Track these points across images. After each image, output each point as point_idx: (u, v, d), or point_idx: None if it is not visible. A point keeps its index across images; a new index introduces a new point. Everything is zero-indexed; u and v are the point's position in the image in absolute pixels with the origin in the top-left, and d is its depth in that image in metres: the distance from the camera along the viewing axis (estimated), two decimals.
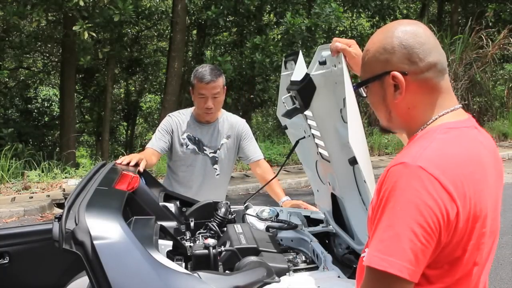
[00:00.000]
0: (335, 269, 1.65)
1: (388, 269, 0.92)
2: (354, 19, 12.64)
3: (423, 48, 1.05)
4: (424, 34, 1.07)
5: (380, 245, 0.94)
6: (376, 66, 1.10)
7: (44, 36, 10.62)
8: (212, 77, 2.50)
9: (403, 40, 1.06)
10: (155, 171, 7.42)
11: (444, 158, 0.98)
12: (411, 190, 0.94)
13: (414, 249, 0.92)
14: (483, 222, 1.01)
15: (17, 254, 2.15)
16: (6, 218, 5.88)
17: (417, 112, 1.09)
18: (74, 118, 10.53)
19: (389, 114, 1.12)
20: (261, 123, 16.34)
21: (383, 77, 1.08)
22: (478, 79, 11.15)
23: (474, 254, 1.01)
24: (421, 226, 0.92)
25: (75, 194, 1.71)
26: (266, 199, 3.94)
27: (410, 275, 0.92)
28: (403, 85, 1.06)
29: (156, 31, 13.42)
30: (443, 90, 1.09)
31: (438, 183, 0.94)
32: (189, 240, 1.98)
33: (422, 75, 1.06)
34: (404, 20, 1.13)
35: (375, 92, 1.13)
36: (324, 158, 1.92)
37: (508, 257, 4.13)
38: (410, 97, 1.07)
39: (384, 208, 0.97)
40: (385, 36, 1.09)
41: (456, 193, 0.95)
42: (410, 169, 0.96)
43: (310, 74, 1.66)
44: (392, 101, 1.09)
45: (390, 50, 1.07)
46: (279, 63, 8.21)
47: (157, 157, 2.59)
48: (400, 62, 1.06)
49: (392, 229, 0.94)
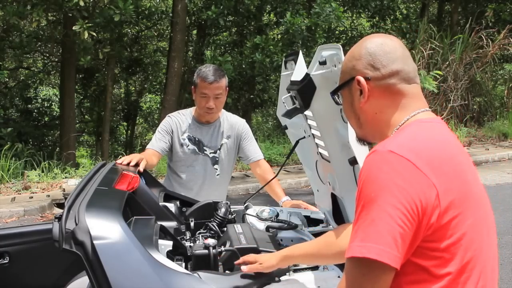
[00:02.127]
0: (335, 269, 1.65)
1: (366, 255, 0.90)
2: (354, 19, 12.64)
3: (387, 56, 1.11)
4: (392, 45, 1.12)
5: (357, 234, 0.93)
6: (346, 73, 1.17)
7: (44, 36, 10.60)
8: (215, 78, 2.50)
9: (369, 48, 1.12)
10: (155, 171, 7.42)
11: (417, 142, 1.00)
12: (382, 174, 0.94)
13: (391, 231, 0.90)
14: (476, 203, 1.01)
15: (17, 254, 2.15)
16: (6, 218, 5.88)
17: (384, 116, 1.12)
18: (74, 118, 10.52)
19: (358, 120, 1.17)
20: (261, 123, 16.34)
21: (350, 83, 1.14)
22: (478, 79, 11.15)
23: (474, 237, 0.98)
24: (396, 208, 0.91)
25: (75, 194, 1.71)
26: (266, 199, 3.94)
27: (390, 259, 0.89)
28: (365, 89, 1.11)
29: (156, 31, 13.41)
30: (410, 95, 1.11)
31: (412, 164, 0.94)
32: (189, 240, 1.98)
33: (384, 81, 1.10)
34: (380, 34, 1.20)
35: (345, 99, 1.19)
36: (324, 158, 1.92)
37: (508, 257, 4.13)
38: (375, 102, 1.12)
39: (360, 199, 0.97)
40: (357, 46, 1.16)
41: (433, 174, 0.94)
42: (380, 154, 0.97)
43: (310, 74, 1.66)
44: (358, 106, 1.14)
45: (357, 57, 1.14)
46: (279, 63, 8.20)
47: (157, 157, 2.59)
48: (364, 68, 1.12)
49: (369, 216, 0.93)
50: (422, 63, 10.28)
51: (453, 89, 10.60)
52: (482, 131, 10.87)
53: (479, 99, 11.64)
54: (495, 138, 10.42)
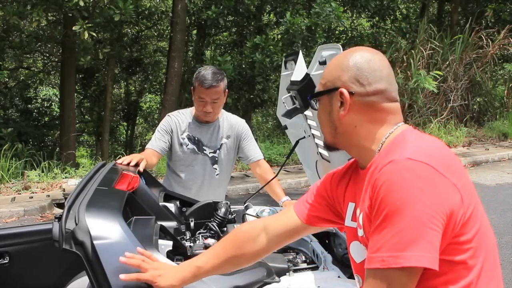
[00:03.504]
0: (335, 269, 1.66)
1: (405, 264, 0.90)
2: (354, 19, 12.64)
3: (373, 75, 1.11)
4: (380, 63, 1.13)
5: (385, 244, 0.92)
6: (329, 81, 1.16)
7: (44, 36, 10.60)
8: (212, 82, 2.49)
9: (358, 63, 1.12)
10: (155, 171, 7.42)
11: (427, 147, 1.01)
12: (405, 182, 0.94)
13: (426, 237, 0.91)
14: (476, 194, 1.04)
15: (17, 254, 2.15)
16: (6, 218, 5.88)
17: (364, 130, 1.12)
18: (74, 118, 10.51)
19: (335, 130, 1.17)
20: (261, 123, 16.34)
21: (332, 92, 1.14)
22: (478, 79, 11.14)
23: (486, 226, 1.04)
24: (425, 213, 0.91)
25: (75, 194, 1.71)
26: (266, 199, 3.94)
27: (430, 262, 0.91)
28: (347, 102, 1.11)
29: (156, 31, 13.41)
30: (392, 111, 1.12)
31: (432, 168, 0.95)
32: (189, 240, 1.98)
33: (368, 98, 1.10)
34: (367, 48, 1.19)
35: (323, 106, 1.18)
36: (324, 158, 1.92)
37: (508, 257, 4.13)
38: (355, 116, 1.12)
39: (381, 208, 0.95)
40: (345, 56, 1.15)
41: (452, 176, 0.96)
42: (399, 163, 0.96)
43: (310, 74, 1.67)
44: (337, 117, 1.14)
45: (344, 68, 1.13)
46: (279, 63, 8.20)
47: (157, 157, 2.59)
48: (350, 81, 1.11)
49: (397, 226, 0.92)
50: (422, 63, 10.27)
51: (453, 89, 10.60)
52: (482, 131, 10.87)
53: (479, 99, 11.64)
54: (495, 138, 10.41)
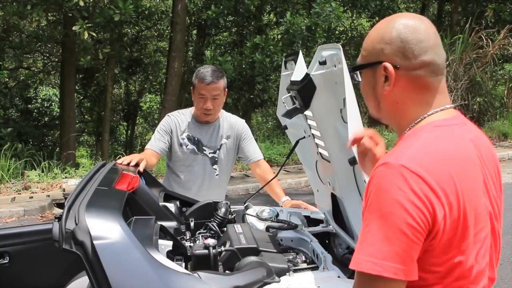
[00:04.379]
0: (335, 269, 1.65)
1: (383, 273, 0.91)
2: (354, 19, 12.64)
3: (419, 46, 1.04)
4: (425, 32, 1.05)
5: (370, 249, 0.93)
6: (372, 54, 1.10)
7: (44, 36, 10.60)
8: (213, 78, 2.50)
9: (401, 34, 1.05)
10: (155, 171, 7.42)
11: (427, 156, 0.97)
12: (396, 190, 0.93)
13: (406, 249, 0.91)
14: (478, 219, 0.99)
15: (17, 254, 2.15)
16: (6, 218, 5.88)
17: (405, 108, 1.08)
18: (74, 118, 10.52)
19: (378, 105, 1.12)
20: (261, 123, 16.34)
21: (376, 66, 1.08)
22: (478, 79, 11.14)
23: (477, 254, 1.00)
24: (410, 226, 0.91)
25: (75, 194, 1.71)
26: (266, 199, 3.94)
27: (406, 275, 0.92)
28: (392, 78, 1.05)
29: (156, 31, 13.40)
30: (434, 89, 1.07)
31: (422, 181, 0.93)
32: (189, 240, 1.98)
33: (414, 72, 1.05)
34: (409, 14, 1.11)
35: (367, 80, 1.13)
36: (324, 158, 1.92)
37: (508, 257, 4.13)
38: (399, 91, 1.07)
39: (371, 210, 0.96)
40: (386, 26, 1.08)
41: (441, 192, 0.94)
42: (393, 168, 0.95)
43: (310, 74, 1.66)
44: (381, 92, 1.09)
45: (387, 40, 1.06)
46: (279, 63, 8.20)
47: (156, 158, 2.59)
48: (394, 54, 1.05)
49: (381, 232, 0.92)
50: None
51: (453, 89, 10.59)
52: (482, 131, 10.82)
53: (479, 99, 11.63)
54: (495, 138, 10.41)
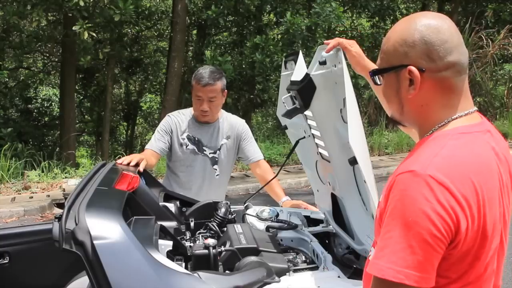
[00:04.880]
0: (335, 269, 1.65)
1: (405, 281, 0.91)
2: (354, 19, 12.64)
3: (444, 47, 1.02)
4: (448, 31, 1.03)
5: (393, 257, 0.93)
6: (394, 57, 1.07)
7: (44, 36, 10.59)
8: (209, 80, 2.50)
9: (425, 35, 1.02)
10: (155, 171, 7.42)
11: (454, 167, 0.96)
12: (422, 200, 0.92)
13: (429, 258, 0.92)
14: (495, 230, 1.00)
15: (17, 254, 2.15)
16: (6, 218, 5.88)
17: (429, 110, 1.06)
18: (74, 118, 10.52)
19: (402, 108, 1.10)
20: (261, 123, 16.33)
21: (400, 70, 1.05)
22: (478, 79, 11.15)
23: (487, 262, 1.00)
24: (434, 236, 0.91)
25: (75, 194, 1.71)
26: (266, 199, 3.94)
27: (427, 283, 0.92)
28: (418, 81, 1.03)
29: (156, 31, 13.40)
30: (459, 91, 1.05)
31: (448, 192, 0.93)
32: (189, 240, 1.98)
33: (439, 73, 1.02)
34: (429, 13, 1.09)
35: (389, 83, 1.10)
36: (324, 158, 1.92)
37: (508, 257, 4.13)
38: (424, 94, 1.04)
39: (394, 217, 0.95)
40: (408, 27, 1.05)
41: (466, 203, 0.94)
42: (420, 177, 0.94)
43: (310, 74, 1.66)
44: (406, 96, 1.06)
45: (410, 43, 1.03)
46: (279, 63, 8.20)
47: (156, 158, 2.59)
48: (419, 57, 1.02)
49: (405, 240, 0.92)
50: None
51: None
52: None
53: (479, 99, 11.63)
54: None
